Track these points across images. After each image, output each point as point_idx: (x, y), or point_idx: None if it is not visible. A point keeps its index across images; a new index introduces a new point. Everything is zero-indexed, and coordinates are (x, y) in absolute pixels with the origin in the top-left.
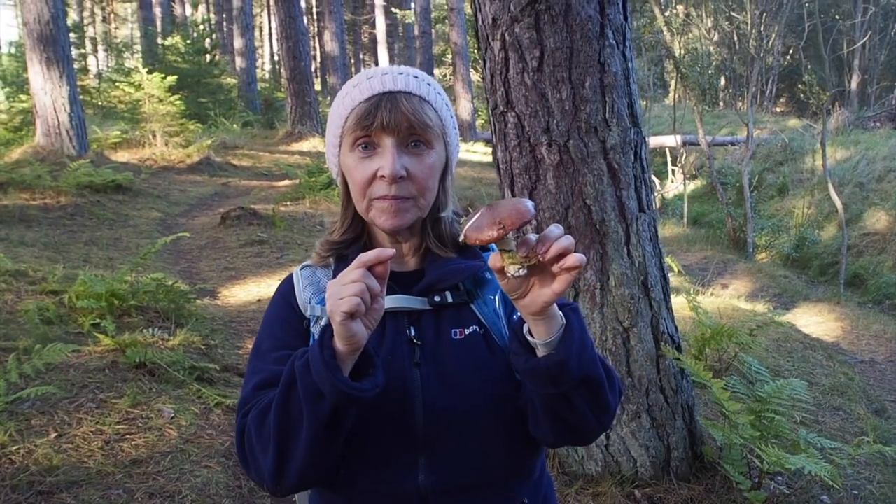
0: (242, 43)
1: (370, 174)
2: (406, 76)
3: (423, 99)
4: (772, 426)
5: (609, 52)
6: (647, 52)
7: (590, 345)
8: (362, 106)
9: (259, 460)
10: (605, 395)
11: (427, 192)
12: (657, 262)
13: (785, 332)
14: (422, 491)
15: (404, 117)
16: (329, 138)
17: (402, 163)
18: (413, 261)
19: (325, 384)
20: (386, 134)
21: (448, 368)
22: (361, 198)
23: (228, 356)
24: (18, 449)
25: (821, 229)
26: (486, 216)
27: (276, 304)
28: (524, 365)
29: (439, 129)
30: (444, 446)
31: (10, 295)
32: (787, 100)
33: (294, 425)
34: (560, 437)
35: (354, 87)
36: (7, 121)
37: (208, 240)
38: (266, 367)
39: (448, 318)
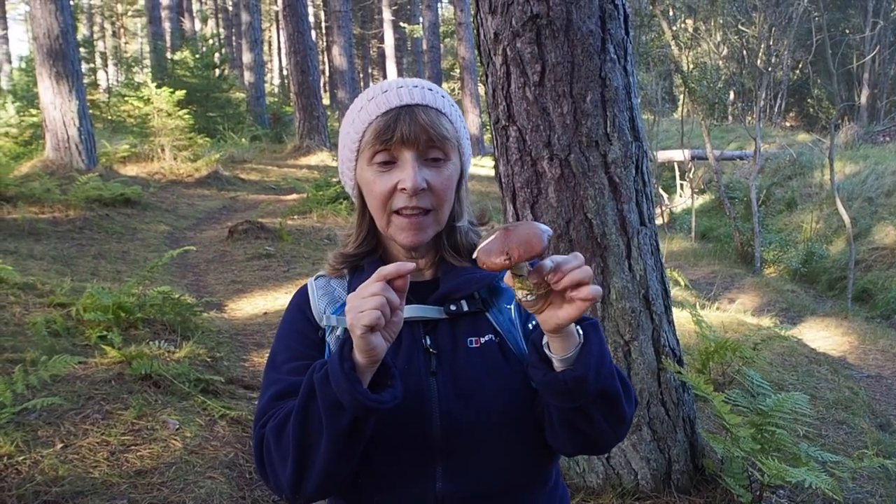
0: (251, 57)
1: (390, 187)
2: (421, 89)
3: (440, 111)
4: (773, 439)
5: (610, 67)
6: (656, 67)
7: (608, 360)
8: (380, 120)
9: (278, 471)
10: (622, 408)
11: (445, 204)
12: (658, 276)
13: (790, 346)
14: (439, 498)
15: (423, 130)
16: (344, 153)
17: (422, 175)
18: (429, 272)
19: (345, 396)
20: (405, 147)
21: (464, 377)
22: (381, 212)
23: (234, 369)
24: (25, 459)
25: (829, 244)
26: (498, 241)
27: (291, 316)
28: (542, 378)
29: (455, 141)
30: (461, 454)
31: (18, 307)
32: (796, 114)
33: (313, 436)
34: (577, 448)
35: (370, 100)
36: (17, 135)
37: (216, 253)
38: (282, 378)
39: (464, 327)
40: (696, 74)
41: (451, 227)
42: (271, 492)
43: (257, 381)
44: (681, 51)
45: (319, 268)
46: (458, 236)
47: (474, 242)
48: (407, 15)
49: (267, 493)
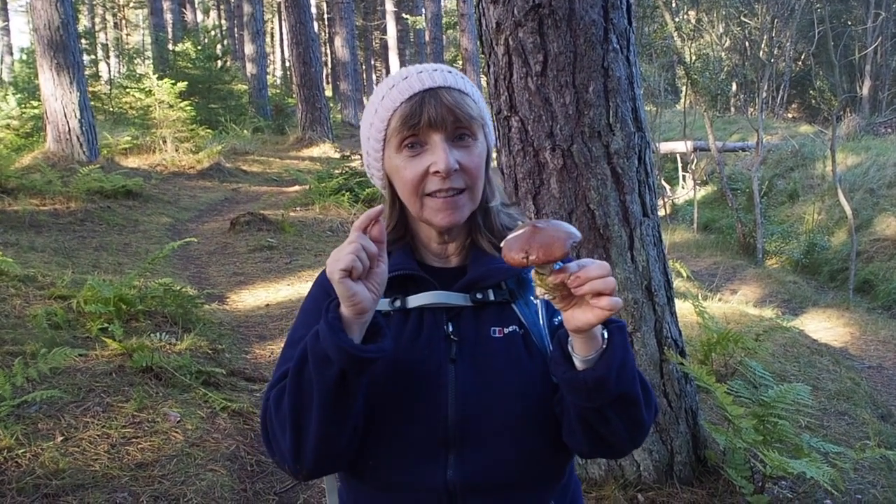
0: (253, 49)
1: (421, 171)
2: (441, 72)
3: (463, 91)
4: (775, 430)
5: (613, 57)
6: (658, 58)
7: (630, 364)
8: (405, 106)
9: (280, 441)
10: (641, 414)
11: (478, 182)
12: (661, 267)
13: (792, 337)
14: (449, 486)
15: (449, 111)
16: (369, 143)
17: (453, 157)
18: (456, 258)
19: (331, 347)
20: (434, 130)
21: (484, 366)
22: (414, 196)
23: (235, 361)
24: (25, 452)
25: (831, 235)
26: (523, 238)
27: (315, 295)
28: (562, 375)
29: (480, 119)
30: (474, 443)
31: (18, 300)
32: (798, 105)
33: (306, 398)
34: (593, 449)
35: (391, 88)
36: (19, 127)
37: (217, 245)
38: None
39: (488, 316)
40: (699, 66)
41: (486, 208)
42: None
43: (259, 374)
44: (683, 42)
45: (322, 259)
46: (492, 218)
47: (507, 225)
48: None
49: (268, 485)
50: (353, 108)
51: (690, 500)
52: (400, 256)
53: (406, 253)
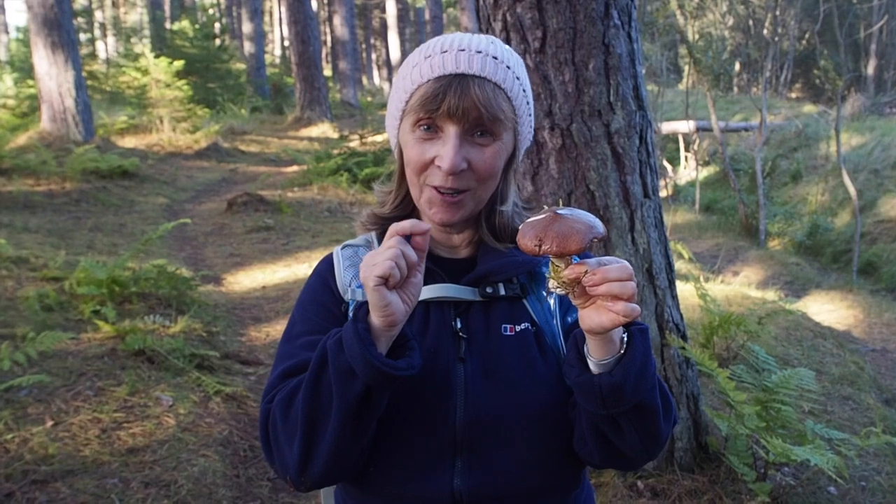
0: (251, 27)
1: (427, 159)
2: (483, 56)
3: (499, 86)
4: (778, 416)
5: (614, 33)
6: (661, 37)
7: (651, 371)
8: (429, 86)
9: (284, 450)
10: (658, 425)
11: (487, 184)
12: (662, 250)
13: (795, 320)
14: (455, 495)
15: (474, 107)
16: (391, 107)
17: (463, 154)
18: (465, 249)
19: (358, 360)
20: (451, 122)
21: (495, 366)
22: (416, 178)
23: (230, 344)
24: (14, 437)
25: (834, 216)
26: (540, 225)
27: (313, 286)
28: (575, 378)
29: (511, 122)
30: (483, 449)
31: (10, 281)
32: (802, 85)
33: (323, 409)
34: (604, 459)
35: (426, 58)
36: (15, 106)
37: (214, 226)
38: (295, 353)
39: (499, 312)
40: (702, 45)
41: (493, 209)
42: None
43: (254, 357)
44: (686, 20)
45: (319, 241)
46: (497, 219)
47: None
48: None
49: (261, 471)
50: (352, 87)
51: (691, 487)
52: None
53: None
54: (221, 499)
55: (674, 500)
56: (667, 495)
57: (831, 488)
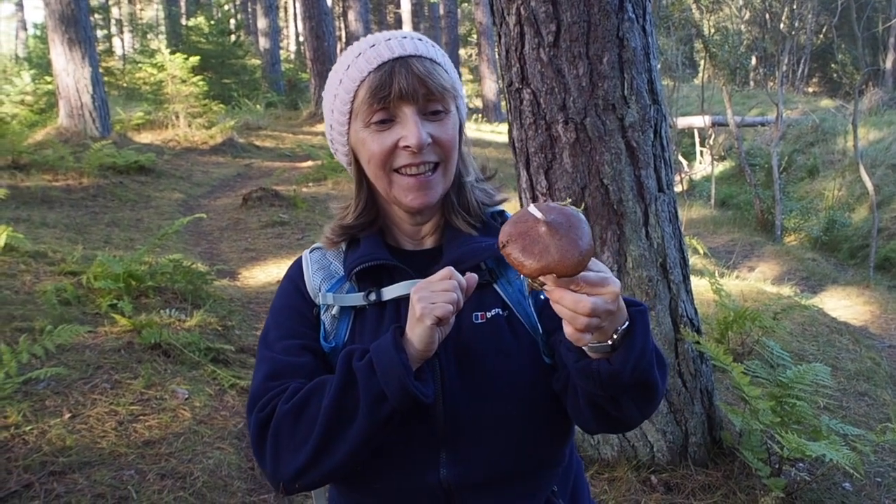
0: (266, 23)
1: (390, 145)
2: (412, 40)
3: (434, 61)
4: (793, 412)
5: (628, 27)
6: (676, 31)
7: (649, 351)
8: (374, 76)
9: (284, 455)
10: (654, 394)
11: (452, 156)
12: (676, 244)
13: (811, 315)
14: (444, 486)
15: (421, 83)
16: (334, 117)
17: (425, 130)
18: (431, 239)
19: (394, 387)
20: (405, 103)
21: (468, 356)
22: (381, 171)
23: (245, 337)
24: (32, 429)
25: (851, 211)
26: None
27: (285, 291)
28: (574, 364)
29: (454, 91)
30: (466, 440)
31: (28, 276)
32: (819, 80)
33: (344, 425)
34: (601, 427)
35: (358, 56)
36: (33, 102)
37: (229, 221)
38: (275, 357)
39: (468, 301)
40: (718, 39)
41: (460, 185)
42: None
43: None
44: (702, 14)
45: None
46: (466, 194)
47: (483, 201)
48: None
49: None
50: None
51: (705, 482)
52: (370, 245)
53: (376, 241)
54: (236, 491)
55: (687, 495)
56: (680, 490)
57: (846, 484)
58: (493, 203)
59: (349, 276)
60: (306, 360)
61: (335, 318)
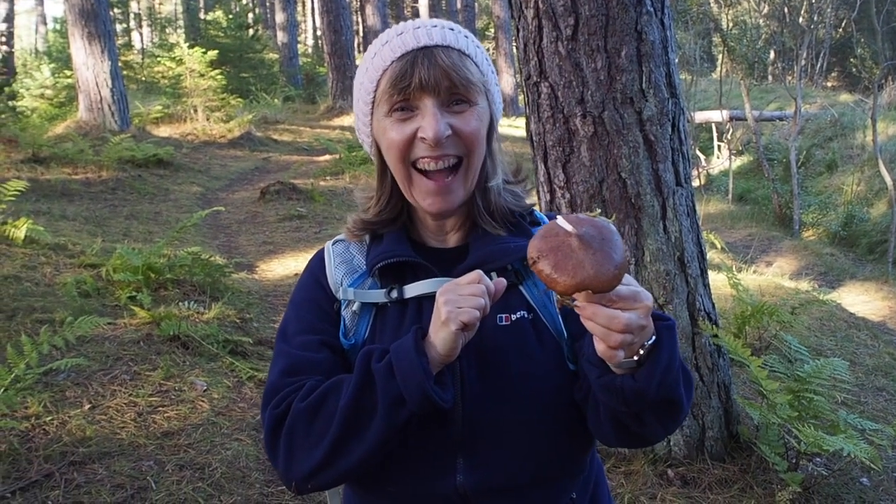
0: (284, 17)
1: (409, 134)
2: (441, 29)
3: (463, 53)
4: (811, 406)
5: (646, 20)
6: (695, 25)
7: (675, 367)
8: (396, 65)
9: (298, 454)
10: (678, 411)
11: (476, 151)
12: (694, 238)
13: (829, 310)
14: (461, 491)
15: (444, 74)
16: (359, 106)
17: (445, 121)
18: (455, 236)
19: (413, 392)
20: (426, 94)
21: (491, 359)
22: (401, 164)
23: (263, 330)
24: (52, 420)
25: (870, 206)
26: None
27: (305, 284)
28: (597, 379)
29: (482, 85)
30: (485, 445)
31: (49, 268)
32: (838, 74)
33: (361, 426)
34: (621, 443)
35: (384, 44)
36: (52, 96)
37: (247, 214)
38: (292, 352)
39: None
40: (736, 33)
41: (484, 188)
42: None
43: None
44: (720, 8)
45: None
46: (491, 197)
47: (511, 207)
48: None
49: None
50: None
51: (721, 477)
52: (392, 241)
53: (399, 237)
54: (254, 482)
55: (704, 489)
56: (697, 484)
57: (864, 479)
58: (521, 208)
59: (371, 271)
60: (324, 357)
61: (356, 315)
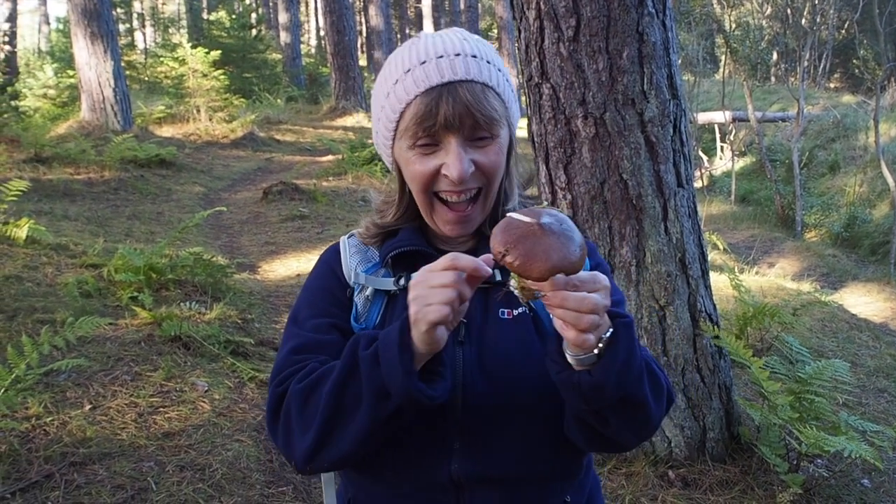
0: (287, 18)
1: (433, 169)
2: (464, 58)
3: (486, 85)
4: (812, 407)
5: (648, 21)
6: (697, 27)
7: (636, 364)
8: (420, 102)
9: (294, 437)
10: (647, 414)
11: (495, 181)
12: (695, 239)
13: (830, 311)
14: (454, 479)
15: (468, 113)
16: (379, 127)
17: (469, 158)
18: (467, 244)
19: (397, 387)
20: (450, 133)
21: (492, 349)
22: (423, 194)
23: (265, 330)
24: (53, 420)
25: (872, 208)
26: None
27: (319, 273)
28: (556, 375)
29: (504, 118)
30: (480, 434)
31: (50, 268)
32: (840, 75)
33: (347, 414)
34: (591, 446)
35: (406, 72)
36: (55, 96)
37: (250, 214)
38: (302, 333)
39: (496, 299)
40: (739, 34)
41: (497, 208)
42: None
43: None
44: (723, 10)
45: (353, 230)
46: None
47: None
48: None
49: None
50: None
51: (722, 478)
52: (408, 233)
53: (415, 231)
54: (255, 483)
55: (705, 490)
56: (698, 485)
57: (865, 480)
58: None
59: (384, 260)
60: (333, 338)
61: (368, 300)
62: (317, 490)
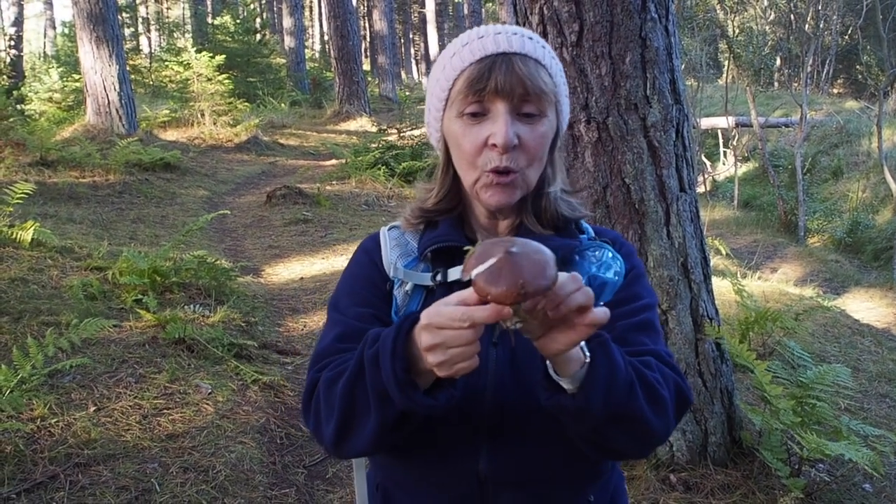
0: (291, 22)
1: (480, 142)
2: (521, 37)
3: (539, 62)
4: (813, 412)
5: (651, 27)
6: (701, 32)
7: (621, 380)
8: (474, 67)
9: (322, 423)
10: (646, 426)
11: (536, 163)
12: (698, 244)
13: (833, 317)
14: (481, 478)
15: (519, 82)
16: (431, 101)
17: (514, 130)
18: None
19: (396, 394)
20: (499, 99)
21: (525, 351)
22: (471, 168)
23: (268, 334)
24: (58, 422)
25: (875, 213)
26: (506, 270)
27: (360, 261)
28: (546, 402)
29: (553, 96)
30: (508, 434)
31: (55, 271)
32: (844, 81)
33: (359, 412)
34: (598, 456)
35: (464, 45)
36: (61, 100)
37: (253, 218)
38: (347, 321)
39: None
40: (742, 39)
41: (540, 191)
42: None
43: (291, 347)
44: (727, 15)
45: (357, 233)
46: (543, 202)
47: (566, 215)
48: None
49: (297, 459)
50: (391, 81)
51: (724, 482)
52: (447, 227)
53: (454, 225)
54: (258, 485)
55: (706, 495)
56: (699, 489)
57: (866, 485)
58: (574, 217)
59: (422, 255)
60: None
61: (407, 295)
62: (320, 492)
